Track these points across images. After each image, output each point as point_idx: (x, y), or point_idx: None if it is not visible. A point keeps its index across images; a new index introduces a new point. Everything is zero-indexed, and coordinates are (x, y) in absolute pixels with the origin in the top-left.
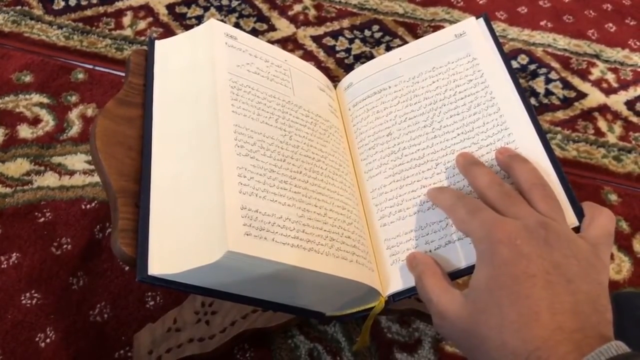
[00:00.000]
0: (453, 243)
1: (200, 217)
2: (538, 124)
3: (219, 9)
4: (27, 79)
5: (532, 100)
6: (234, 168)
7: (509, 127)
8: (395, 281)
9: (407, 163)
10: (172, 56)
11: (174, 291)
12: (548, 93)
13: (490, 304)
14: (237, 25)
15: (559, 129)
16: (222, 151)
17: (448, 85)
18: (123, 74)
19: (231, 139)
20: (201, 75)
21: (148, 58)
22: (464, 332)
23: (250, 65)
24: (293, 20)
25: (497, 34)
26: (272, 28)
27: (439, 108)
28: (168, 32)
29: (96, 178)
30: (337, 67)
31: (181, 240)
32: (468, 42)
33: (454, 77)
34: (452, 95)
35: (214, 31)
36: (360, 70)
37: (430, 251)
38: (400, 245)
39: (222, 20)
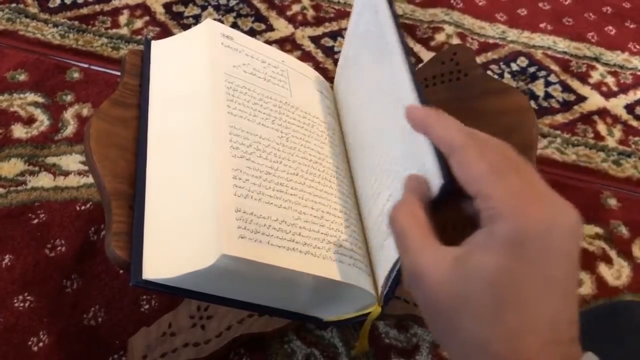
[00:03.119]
0: None
1: (195, 220)
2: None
3: (217, 8)
4: (22, 77)
5: (532, 104)
6: (229, 170)
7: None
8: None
9: (375, 157)
10: (168, 57)
11: (169, 295)
12: (547, 96)
13: (486, 297)
14: (234, 25)
15: (558, 132)
16: (217, 153)
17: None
18: (119, 74)
19: (226, 140)
20: (197, 76)
21: (144, 58)
22: (440, 305)
23: (247, 65)
24: (291, 20)
25: (497, 35)
26: (270, 28)
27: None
28: (165, 32)
29: (91, 179)
30: (335, 68)
31: (176, 243)
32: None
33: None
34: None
35: (210, 31)
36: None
37: None
38: (384, 248)
39: (219, 20)
